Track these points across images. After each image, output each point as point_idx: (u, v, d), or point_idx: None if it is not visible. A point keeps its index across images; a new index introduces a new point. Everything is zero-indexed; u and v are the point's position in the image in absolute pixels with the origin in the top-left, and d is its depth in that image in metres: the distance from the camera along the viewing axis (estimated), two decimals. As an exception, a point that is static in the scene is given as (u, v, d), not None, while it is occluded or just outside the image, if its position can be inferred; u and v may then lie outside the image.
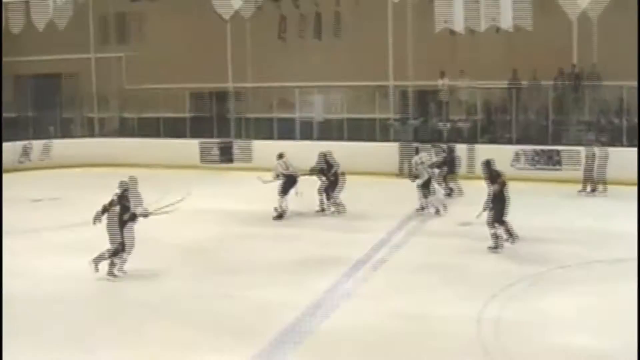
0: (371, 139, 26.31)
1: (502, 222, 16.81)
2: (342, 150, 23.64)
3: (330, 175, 20.84)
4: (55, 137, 30.32)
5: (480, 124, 25.89)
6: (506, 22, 21.93)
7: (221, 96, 29.29)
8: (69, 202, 23.46)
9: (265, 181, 20.43)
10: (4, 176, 27.39)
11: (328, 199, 20.82)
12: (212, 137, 28.43)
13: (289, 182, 20.45)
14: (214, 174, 26.24)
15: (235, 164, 27.53)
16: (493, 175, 16.92)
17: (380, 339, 12.30)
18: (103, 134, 30.60)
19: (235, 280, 15.83)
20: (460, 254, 16.78)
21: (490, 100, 26.19)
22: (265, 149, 24.87)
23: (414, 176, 20.72)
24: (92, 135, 30.66)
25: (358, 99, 27.12)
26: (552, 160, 24.29)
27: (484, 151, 24.71)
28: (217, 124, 28.82)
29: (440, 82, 26.20)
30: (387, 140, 26.20)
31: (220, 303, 14.60)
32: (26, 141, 29.25)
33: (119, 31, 30.72)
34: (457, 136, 25.99)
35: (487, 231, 16.89)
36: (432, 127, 26.60)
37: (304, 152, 25.82)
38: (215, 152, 28.12)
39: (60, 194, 24.37)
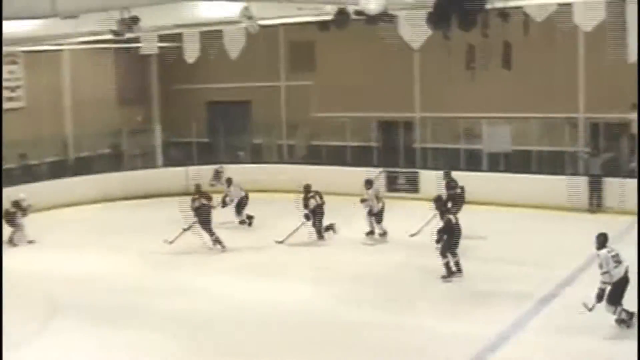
0: (559, 172, 25.60)
1: (454, 254, 17.90)
2: (529, 183, 23.17)
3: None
4: (245, 162, 31.11)
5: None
6: None
7: (408, 125, 29.21)
8: (254, 226, 24.05)
9: None
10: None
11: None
12: (398, 166, 28.34)
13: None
14: (398, 203, 26.14)
15: (419, 194, 27.29)
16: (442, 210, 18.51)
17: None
18: (291, 161, 31.07)
19: (412, 311, 15.78)
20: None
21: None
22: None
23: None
24: (280, 161, 31.21)
25: (546, 131, 26.45)
26: None
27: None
28: (403, 154, 28.78)
29: (632, 115, 25.26)
30: (576, 173, 25.43)
31: (396, 333, 14.59)
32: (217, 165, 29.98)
33: (308, 59, 31.18)
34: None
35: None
36: (622, 162, 25.67)
37: (490, 184, 25.49)
38: (401, 181, 28.03)
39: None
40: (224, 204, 24.42)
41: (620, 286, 14.25)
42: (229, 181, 24.65)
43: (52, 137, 30.43)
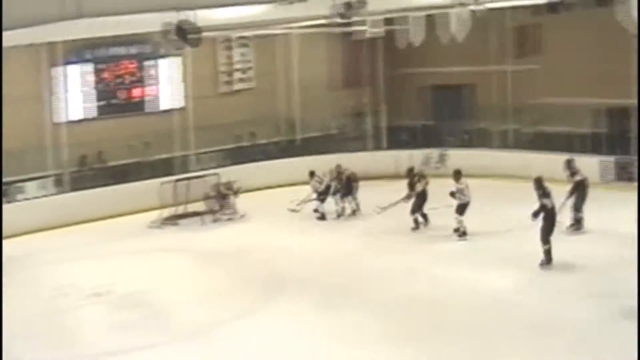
0: None
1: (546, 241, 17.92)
2: None
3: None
4: (455, 146, 30.84)
5: None
6: None
7: (628, 113, 27.83)
8: (474, 211, 23.80)
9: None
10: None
11: None
12: (628, 154, 27.19)
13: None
14: (628, 194, 25.20)
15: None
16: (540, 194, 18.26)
17: None
18: (516, 147, 30.49)
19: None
20: None
21: None
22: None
23: None
24: (505, 147, 30.70)
25: None
26: None
27: None
28: (634, 142, 27.44)
29: None
30: None
31: (610, 328, 14.16)
32: (427, 150, 29.99)
33: (534, 43, 30.44)
34: None
35: None
36: None
37: None
38: (632, 170, 26.86)
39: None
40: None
41: None
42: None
43: (280, 118, 31.26)
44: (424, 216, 22.55)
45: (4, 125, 24.16)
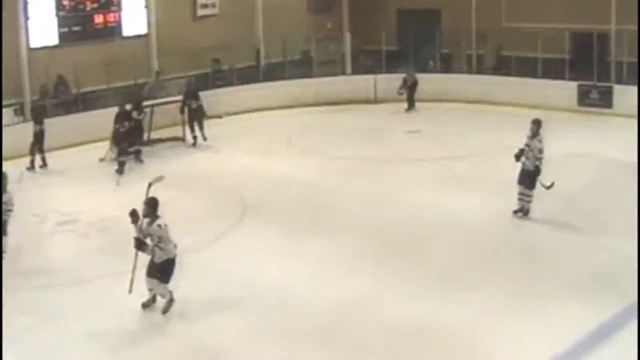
0: None
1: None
2: None
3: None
4: (434, 71, 30.86)
5: None
6: None
7: (602, 38, 27.97)
8: (439, 136, 24.03)
9: None
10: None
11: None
12: (591, 80, 27.41)
13: None
14: (591, 118, 25.49)
15: (612, 109, 26.41)
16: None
17: None
18: (480, 71, 30.61)
19: (605, 232, 15.44)
20: None
21: None
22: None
23: None
24: (469, 71, 30.82)
25: None
26: None
27: None
28: (597, 67, 27.63)
29: None
30: None
31: (592, 257, 14.49)
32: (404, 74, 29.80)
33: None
34: None
35: None
36: None
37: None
38: (594, 96, 27.16)
39: (432, 128, 25.00)
40: None
41: None
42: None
43: (244, 44, 30.91)
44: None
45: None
